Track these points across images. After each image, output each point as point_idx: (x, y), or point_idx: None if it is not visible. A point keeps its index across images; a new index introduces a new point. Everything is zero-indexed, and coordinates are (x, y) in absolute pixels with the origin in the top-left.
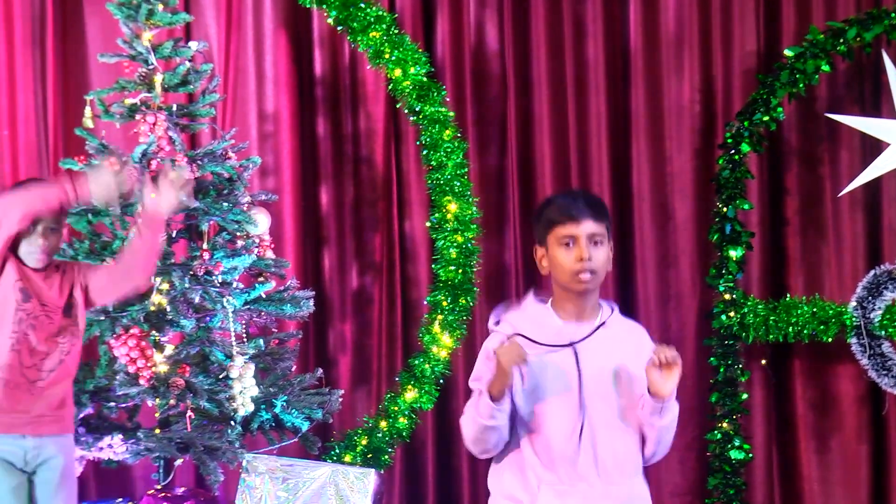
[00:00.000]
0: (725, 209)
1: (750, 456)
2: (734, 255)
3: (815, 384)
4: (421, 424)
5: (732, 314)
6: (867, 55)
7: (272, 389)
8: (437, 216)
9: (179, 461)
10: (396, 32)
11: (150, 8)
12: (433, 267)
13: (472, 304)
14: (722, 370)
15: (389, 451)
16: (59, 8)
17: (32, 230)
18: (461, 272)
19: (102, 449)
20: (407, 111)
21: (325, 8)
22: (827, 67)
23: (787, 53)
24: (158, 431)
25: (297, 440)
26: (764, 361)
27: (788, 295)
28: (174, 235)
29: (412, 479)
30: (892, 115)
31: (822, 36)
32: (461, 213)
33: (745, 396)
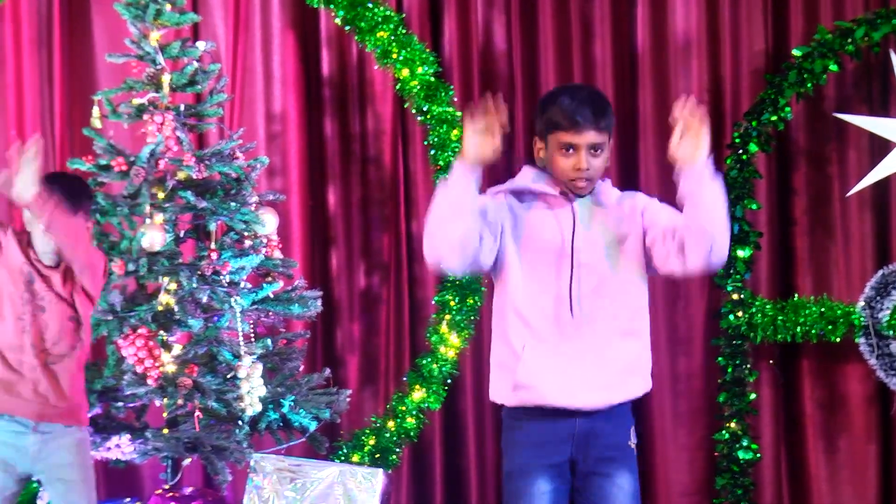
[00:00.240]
0: (733, 209)
1: (758, 456)
2: (742, 254)
3: (823, 384)
4: (429, 424)
5: (740, 314)
6: (875, 55)
7: (280, 389)
8: None
9: (187, 461)
10: (404, 32)
11: (157, 8)
12: None
13: (479, 303)
14: (730, 370)
15: (397, 451)
16: (65, 8)
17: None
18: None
19: (110, 449)
20: (414, 111)
21: (332, 8)
22: (835, 67)
23: (795, 53)
24: (166, 431)
25: (304, 440)
26: (772, 361)
27: (796, 295)
28: (182, 235)
29: (420, 479)
30: None
31: (830, 36)
32: None
33: (753, 396)
